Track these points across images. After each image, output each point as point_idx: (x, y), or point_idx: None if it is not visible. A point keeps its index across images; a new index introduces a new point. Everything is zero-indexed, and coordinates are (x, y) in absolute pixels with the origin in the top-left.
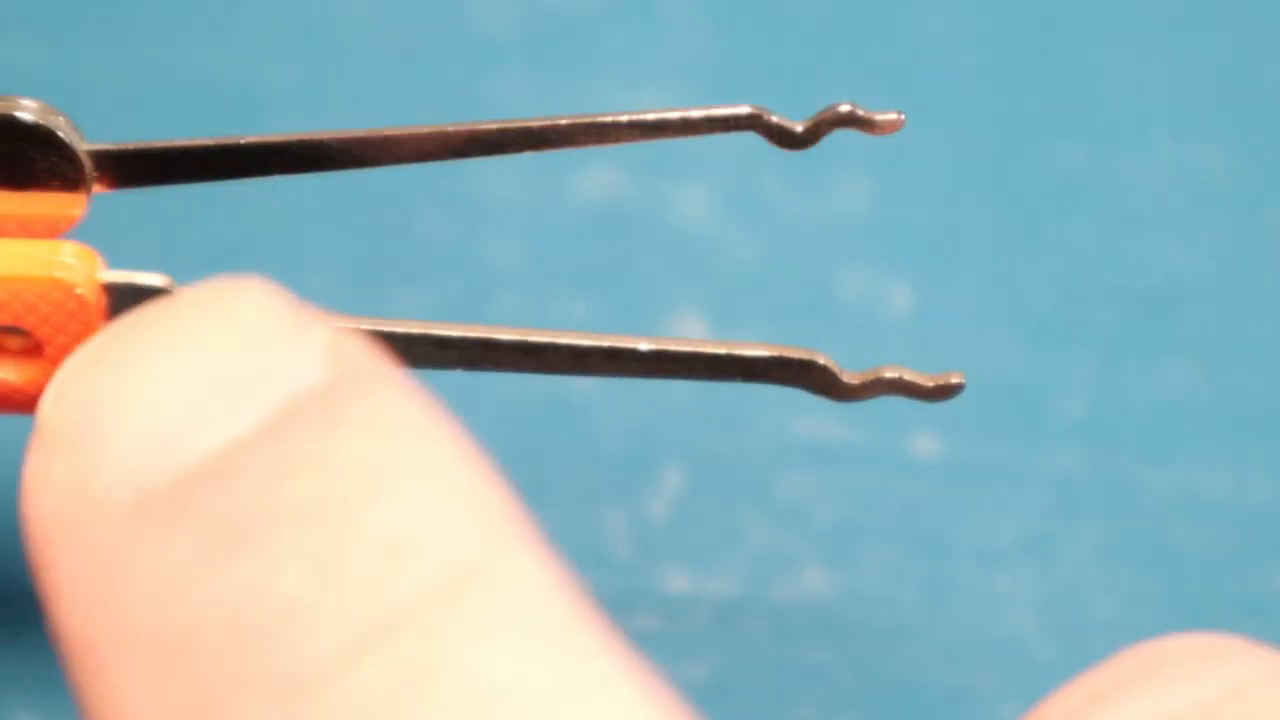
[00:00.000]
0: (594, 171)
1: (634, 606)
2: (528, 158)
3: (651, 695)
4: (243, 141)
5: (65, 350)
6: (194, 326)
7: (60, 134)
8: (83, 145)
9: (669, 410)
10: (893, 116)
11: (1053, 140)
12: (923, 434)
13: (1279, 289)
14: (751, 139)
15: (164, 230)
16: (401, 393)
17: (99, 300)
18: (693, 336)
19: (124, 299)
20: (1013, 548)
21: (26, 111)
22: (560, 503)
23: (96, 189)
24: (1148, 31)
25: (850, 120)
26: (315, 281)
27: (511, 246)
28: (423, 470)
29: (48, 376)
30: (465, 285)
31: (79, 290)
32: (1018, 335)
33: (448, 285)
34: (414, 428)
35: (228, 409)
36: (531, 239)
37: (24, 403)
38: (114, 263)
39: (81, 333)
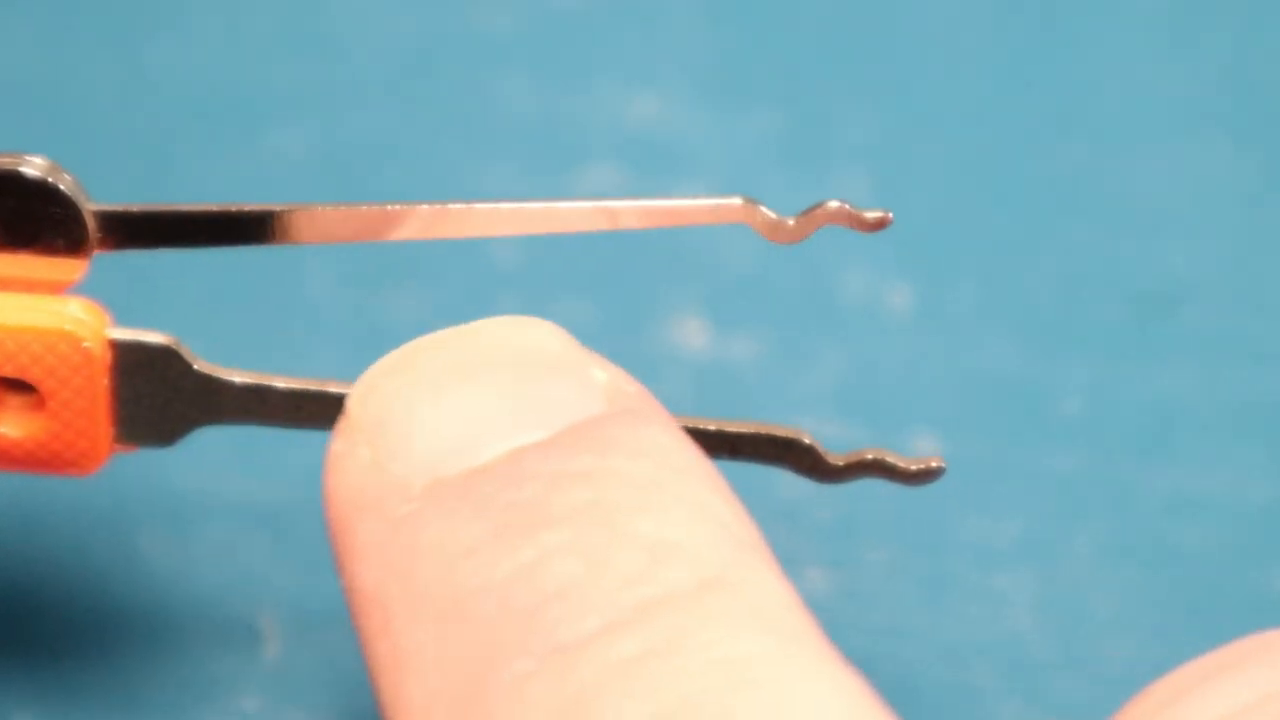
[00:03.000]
0: (594, 171)
1: None
2: (529, 157)
3: (853, 691)
4: (247, 209)
5: (67, 406)
6: (493, 352)
7: (65, 191)
8: (88, 205)
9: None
10: (879, 214)
11: (1053, 140)
12: (923, 434)
13: (1279, 289)
14: (749, 126)
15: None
16: (670, 429)
17: (105, 356)
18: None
19: (130, 355)
20: (1013, 548)
21: (33, 168)
22: None
23: (99, 250)
24: (1148, 31)
25: (840, 217)
26: (316, 281)
27: (512, 247)
28: (683, 491)
29: (48, 433)
30: (465, 285)
31: (86, 344)
32: (1018, 335)
33: (448, 285)
34: (678, 457)
35: (518, 426)
36: (532, 239)
37: (22, 459)
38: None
39: (85, 388)
